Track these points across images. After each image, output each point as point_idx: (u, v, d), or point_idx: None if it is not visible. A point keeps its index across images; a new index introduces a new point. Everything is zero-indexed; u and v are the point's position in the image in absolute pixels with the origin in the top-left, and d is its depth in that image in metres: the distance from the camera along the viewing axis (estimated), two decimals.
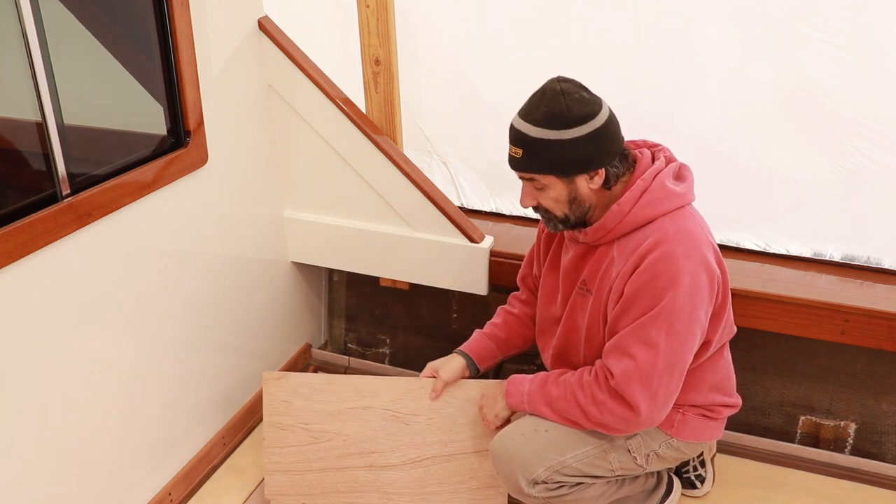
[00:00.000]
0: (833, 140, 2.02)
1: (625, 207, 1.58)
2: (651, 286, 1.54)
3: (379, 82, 2.21)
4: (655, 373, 1.55)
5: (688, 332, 1.56)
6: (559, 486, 1.71)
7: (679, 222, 1.58)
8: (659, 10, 2.08)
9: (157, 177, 1.78)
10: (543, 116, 1.53)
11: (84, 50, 1.69)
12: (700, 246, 1.57)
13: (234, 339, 2.19)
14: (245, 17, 2.07)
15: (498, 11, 2.23)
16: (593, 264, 1.67)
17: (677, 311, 1.53)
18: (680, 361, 1.58)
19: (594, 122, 1.53)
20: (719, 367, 1.77)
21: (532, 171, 1.58)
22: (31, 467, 1.57)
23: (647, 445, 1.74)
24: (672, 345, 1.55)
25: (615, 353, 1.59)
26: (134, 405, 1.83)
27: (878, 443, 2.17)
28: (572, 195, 1.60)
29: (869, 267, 2.10)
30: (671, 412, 1.74)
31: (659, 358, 1.55)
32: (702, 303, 1.56)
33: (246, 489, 2.05)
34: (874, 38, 1.91)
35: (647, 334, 1.55)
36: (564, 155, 1.54)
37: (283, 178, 2.32)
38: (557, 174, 1.57)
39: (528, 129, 1.54)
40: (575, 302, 1.73)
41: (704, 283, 1.56)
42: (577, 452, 1.70)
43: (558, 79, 1.57)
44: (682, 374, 1.60)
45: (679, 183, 1.62)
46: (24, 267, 1.47)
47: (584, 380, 1.64)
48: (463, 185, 2.48)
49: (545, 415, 1.69)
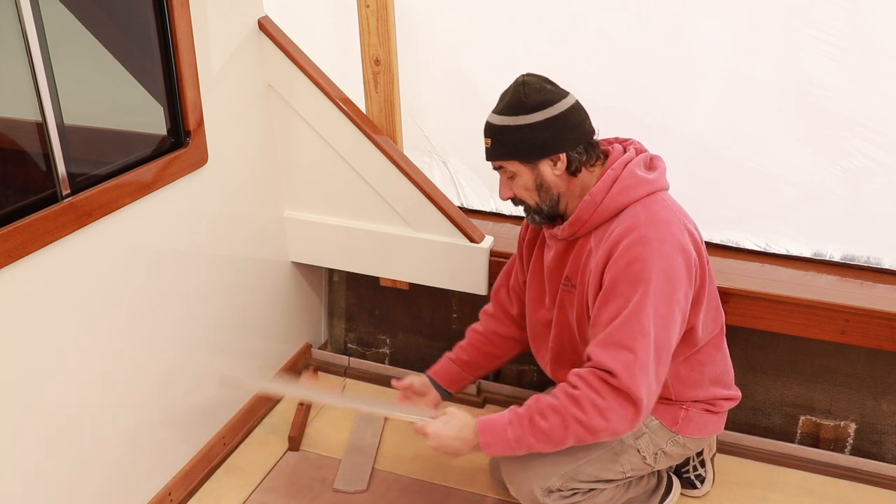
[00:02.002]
0: (833, 140, 2.02)
1: (597, 197, 1.61)
2: (628, 271, 1.53)
3: (379, 82, 2.21)
4: (650, 360, 1.54)
5: (669, 315, 1.55)
6: (573, 493, 1.72)
7: (651, 207, 1.59)
8: (659, 10, 2.08)
9: (157, 177, 1.78)
10: (505, 105, 1.63)
11: (84, 50, 1.69)
12: (672, 229, 1.57)
13: (235, 339, 2.19)
14: (245, 17, 2.07)
15: (498, 11, 2.23)
16: (574, 259, 1.68)
17: (658, 295, 1.53)
18: (665, 345, 1.56)
19: (551, 109, 1.59)
20: (717, 361, 1.77)
21: (497, 157, 1.65)
22: (31, 467, 1.56)
23: (654, 444, 1.75)
24: (657, 329, 1.54)
25: (610, 347, 1.53)
26: (134, 405, 1.83)
27: (878, 443, 2.17)
28: (538, 181, 1.64)
29: (869, 267, 2.10)
30: (674, 409, 1.75)
31: (650, 345, 1.53)
32: (680, 285, 1.55)
33: (246, 489, 2.05)
34: (874, 38, 1.91)
35: (635, 325, 1.52)
36: (522, 138, 1.60)
37: (283, 178, 2.32)
38: (520, 159, 1.63)
39: (493, 118, 1.64)
40: (563, 299, 1.74)
41: (681, 264, 1.55)
42: (589, 457, 1.70)
43: (526, 74, 1.65)
44: (668, 359, 1.58)
45: (650, 172, 1.64)
46: (25, 267, 1.46)
47: (576, 395, 1.53)
48: (463, 185, 2.48)
49: (545, 451, 1.59)
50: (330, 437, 2.23)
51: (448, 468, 2.10)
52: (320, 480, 2.07)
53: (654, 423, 1.75)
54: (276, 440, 2.23)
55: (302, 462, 2.14)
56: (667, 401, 1.75)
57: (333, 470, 2.10)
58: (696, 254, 1.61)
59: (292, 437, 2.19)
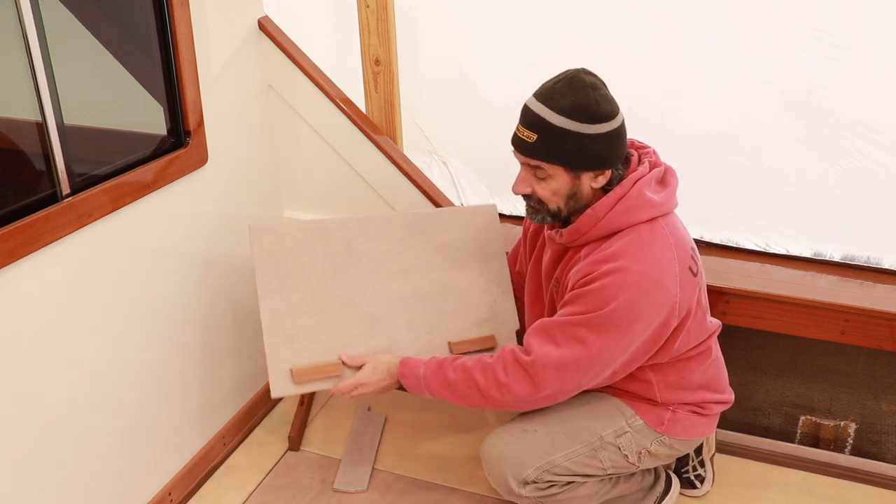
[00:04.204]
0: (833, 140, 2.02)
1: (599, 212, 1.56)
2: (596, 293, 1.52)
3: (379, 82, 2.21)
4: (574, 366, 1.56)
5: (618, 343, 1.54)
6: (550, 485, 1.71)
7: (645, 237, 1.55)
8: (659, 10, 2.08)
9: (157, 177, 1.78)
10: (570, 106, 1.49)
11: (84, 50, 1.69)
12: (660, 270, 1.53)
13: (234, 339, 2.19)
14: (245, 17, 2.07)
15: (498, 11, 2.23)
16: (564, 264, 1.68)
17: (614, 321, 1.51)
18: (601, 363, 1.57)
19: (614, 121, 1.53)
20: (707, 367, 1.76)
21: (542, 158, 1.54)
22: (31, 467, 1.56)
23: (638, 443, 1.74)
24: (599, 347, 1.54)
25: (542, 334, 1.58)
26: (133, 405, 1.83)
27: (878, 443, 2.17)
28: (573, 191, 1.58)
29: (869, 267, 2.10)
30: (660, 410, 1.74)
31: (583, 354, 1.54)
32: (644, 320, 1.53)
33: (246, 489, 2.05)
34: (874, 38, 1.91)
35: (577, 331, 1.54)
36: (581, 149, 1.51)
37: (283, 178, 2.33)
38: (567, 167, 1.54)
39: (549, 115, 1.50)
40: (552, 298, 1.74)
41: (653, 304, 1.52)
42: (566, 451, 1.70)
43: (585, 71, 1.54)
44: (599, 375, 1.59)
45: (661, 189, 1.60)
46: (25, 267, 1.47)
47: (487, 363, 1.63)
48: (463, 185, 2.48)
49: (445, 397, 1.68)
50: (330, 437, 2.23)
51: (448, 468, 2.11)
52: (320, 480, 2.07)
53: (639, 423, 1.74)
54: (276, 440, 2.23)
55: (302, 462, 2.14)
56: (652, 402, 1.74)
57: (333, 470, 2.10)
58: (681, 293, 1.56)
59: (292, 437, 2.19)
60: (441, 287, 1.91)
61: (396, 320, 1.88)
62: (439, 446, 2.20)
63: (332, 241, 1.88)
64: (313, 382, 1.80)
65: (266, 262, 1.83)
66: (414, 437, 2.23)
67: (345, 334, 1.84)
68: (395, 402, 2.37)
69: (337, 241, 1.88)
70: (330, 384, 1.80)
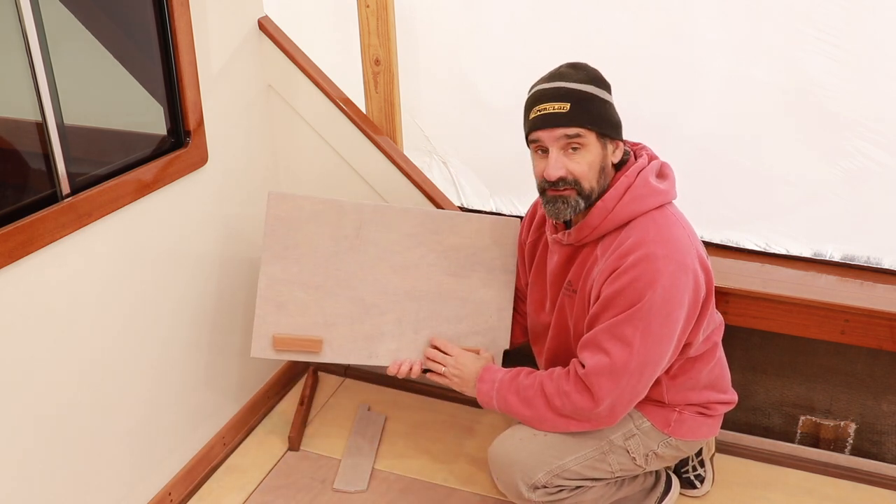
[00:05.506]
0: (833, 140, 2.02)
1: (608, 204, 1.59)
2: (630, 287, 1.53)
3: (379, 82, 2.21)
4: (626, 371, 1.56)
5: (663, 334, 1.55)
6: (559, 489, 1.71)
7: (661, 222, 1.58)
8: (659, 10, 2.07)
9: (157, 177, 1.78)
10: (587, 77, 1.57)
11: (84, 50, 1.69)
12: (682, 251, 1.56)
13: (235, 339, 2.19)
14: (245, 17, 2.07)
15: (498, 11, 2.23)
16: (578, 265, 1.68)
17: (654, 312, 1.53)
18: (652, 363, 1.57)
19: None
20: (713, 366, 1.77)
21: (580, 124, 1.54)
22: (30, 467, 1.56)
23: (645, 445, 1.75)
24: (646, 345, 1.54)
25: (590, 347, 1.60)
26: (133, 405, 1.83)
27: (878, 443, 2.17)
28: (603, 163, 1.60)
29: (869, 267, 2.10)
30: (667, 411, 1.75)
31: (632, 357, 1.55)
32: (680, 305, 1.55)
33: (246, 489, 2.05)
34: (874, 38, 1.91)
35: (623, 332, 1.55)
36: (607, 114, 1.59)
37: (283, 178, 2.32)
38: (600, 131, 1.57)
39: (575, 85, 1.56)
40: (562, 303, 1.74)
41: (684, 286, 1.54)
42: (576, 455, 1.70)
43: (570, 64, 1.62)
44: (651, 376, 1.60)
45: (662, 180, 1.63)
46: (25, 267, 1.47)
47: (555, 373, 1.67)
48: (463, 185, 2.47)
49: (512, 404, 1.70)
50: (330, 437, 2.23)
51: (448, 468, 2.11)
52: (320, 480, 2.07)
53: (646, 425, 1.75)
54: (276, 440, 2.23)
55: (302, 462, 2.14)
56: (659, 403, 1.75)
57: (333, 470, 2.10)
58: (703, 273, 1.60)
59: (292, 437, 2.19)
60: (439, 290, 1.91)
61: (387, 313, 1.89)
62: (439, 446, 2.20)
63: (344, 222, 1.88)
64: (291, 353, 1.87)
65: (276, 229, 1.86)
66: (414, 437, 2.23)
67: (332, 313, 1.87)
68: (396, 402, 2.37)
69: (349, 223, 1.89)
70: (305, 357, 1.87)
